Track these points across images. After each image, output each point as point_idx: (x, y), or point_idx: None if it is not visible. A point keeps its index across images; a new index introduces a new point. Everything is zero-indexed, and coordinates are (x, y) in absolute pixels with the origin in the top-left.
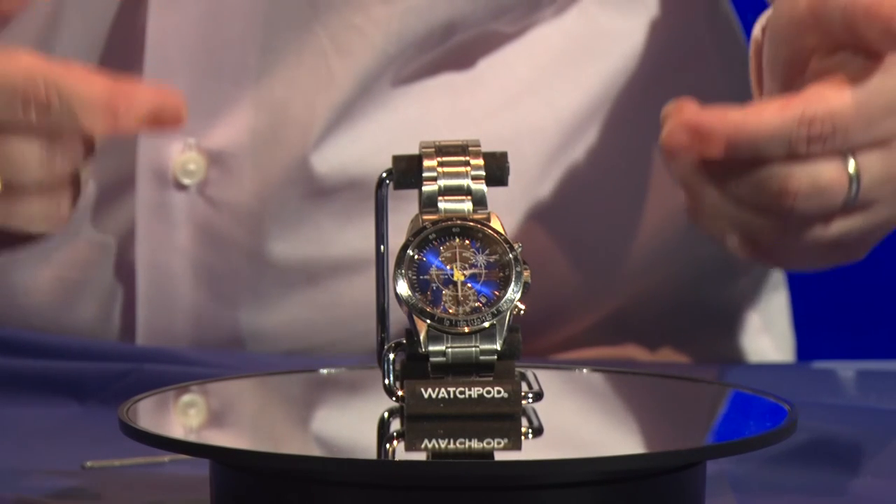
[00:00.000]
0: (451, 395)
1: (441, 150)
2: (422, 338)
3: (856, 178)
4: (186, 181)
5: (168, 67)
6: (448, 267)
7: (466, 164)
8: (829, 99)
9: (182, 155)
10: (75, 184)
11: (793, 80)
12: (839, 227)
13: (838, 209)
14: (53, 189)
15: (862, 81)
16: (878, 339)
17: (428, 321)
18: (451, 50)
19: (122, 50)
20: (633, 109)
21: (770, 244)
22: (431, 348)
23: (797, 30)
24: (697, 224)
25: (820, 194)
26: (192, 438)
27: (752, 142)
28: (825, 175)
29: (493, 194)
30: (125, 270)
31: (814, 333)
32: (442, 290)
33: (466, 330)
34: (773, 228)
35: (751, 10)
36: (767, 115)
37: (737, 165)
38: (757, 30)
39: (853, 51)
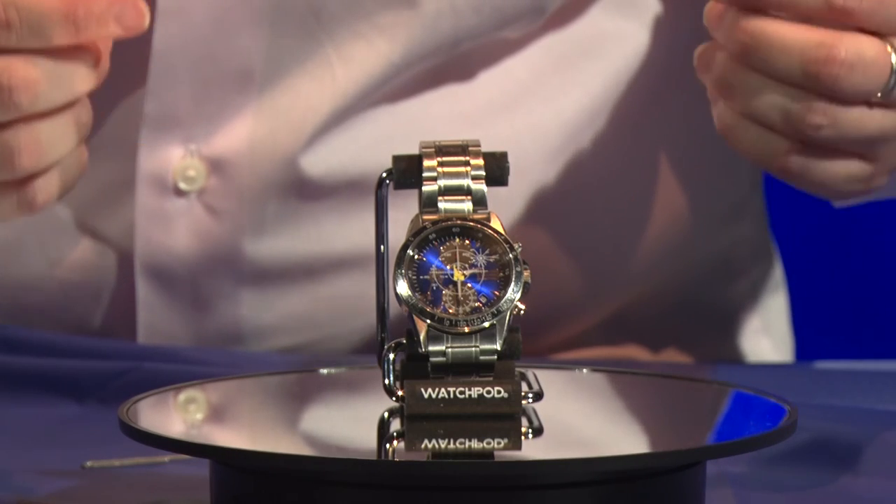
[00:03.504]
0: (451, 395)
1: (441, 149)
2: (422, 338)
3: None
4: (186, 187)
5: (172, 75)
6: (448, 267)
7: (466, 163)
8: None
9: (182, 161)
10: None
11: None
12: (877, 120)
13: (879, 93)
14: (57, 111)
15: None
16: (878, 339)
17: (428, 321)
18: (454, 56)
19: (127, 57)
20: (637, 111)
21: (805, 132)
22: (431, 348)
23: None
24: (729, 137)
25: (865, 69)
26: (192, 438)
27: None
28: (870, 50)
29: (494, 194)
30: (125, 274)
31: (814, 333)
32: (442, 290)
33: (466, 330)
34: (811, 111)
35: None
36: None
37: (777, 38)
38: None
39: None
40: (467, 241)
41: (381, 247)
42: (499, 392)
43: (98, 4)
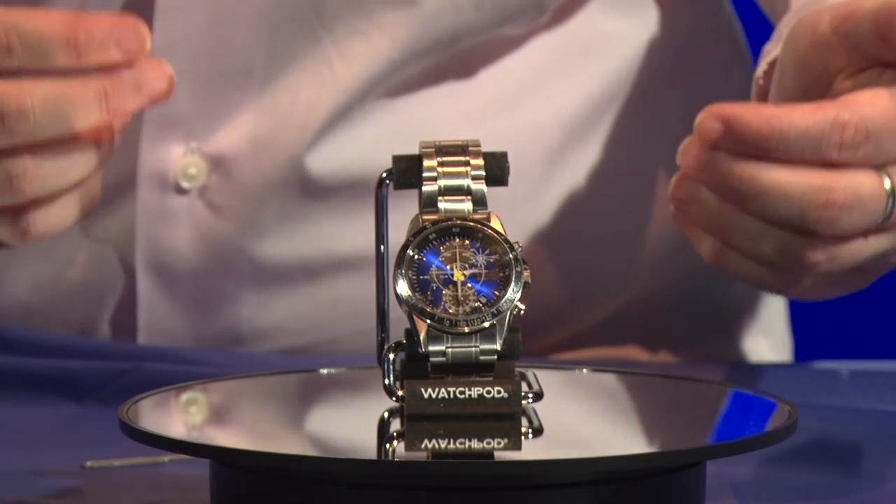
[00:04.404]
0: (451, 395)
1: (441, 149)
2: (422, 338)
3: (892, 194)
4: (187, 185)
5: None
6: (448, 267)
7: (466, 163)
8: (863, 106)
9: (183, 159)
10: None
11: None
12: (872, 246)
13: (877, 225)
14: (61, 144)
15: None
16: (878, 339)
17: (428, 321)
18: (455, 53)
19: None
20: (636, 112)
21: (803, 268)
22: (431, 348)
23: (820, 53)
24: (722, 267)
25: (862, 207)
26: (192, 438)
27: (784, 136)
28: (867, 187)
29: (494, 194)
30: (125, 272)
31: (813, 333)
32: (442, 290)
33: (466, 330)
34: (810, 250)
35: (752, 13)
36: (800, 113)
37: (775, 185)
38: (760, 72)
39: (883, 65)
40: (467, 241)
41: (381, 247)
42: (499, 392)
43: (99, 30)
